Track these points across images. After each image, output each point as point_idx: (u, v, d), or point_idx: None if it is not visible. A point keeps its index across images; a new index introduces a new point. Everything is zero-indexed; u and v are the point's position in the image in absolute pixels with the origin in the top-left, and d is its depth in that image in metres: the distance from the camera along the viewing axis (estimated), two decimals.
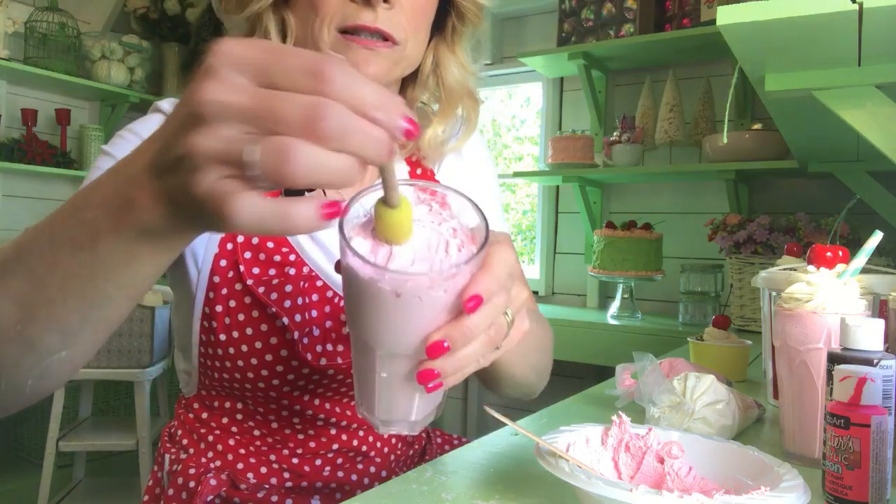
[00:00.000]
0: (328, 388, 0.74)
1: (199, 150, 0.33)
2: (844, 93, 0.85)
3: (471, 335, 0.43)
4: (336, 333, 0.73)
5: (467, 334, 0.42)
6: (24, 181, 2.92)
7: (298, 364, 0.70)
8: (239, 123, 0.32)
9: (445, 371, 0.43)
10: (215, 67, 0.33)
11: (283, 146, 0.31)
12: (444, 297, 0.42)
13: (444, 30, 0.77)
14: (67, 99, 3.10)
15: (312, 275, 0.73)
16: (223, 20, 0.75)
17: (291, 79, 0.32)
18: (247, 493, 0.73)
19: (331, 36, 0.67)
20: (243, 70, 0.33)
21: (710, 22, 2.09)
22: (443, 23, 0.76)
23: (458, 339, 0.42)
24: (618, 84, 2.56)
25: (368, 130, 0.33)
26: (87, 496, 2.26)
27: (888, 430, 0.52)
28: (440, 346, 0.42)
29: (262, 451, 0.75)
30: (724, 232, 1.93)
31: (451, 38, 0.78)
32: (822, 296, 0.64)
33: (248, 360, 0.70)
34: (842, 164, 1.76)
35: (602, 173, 2.36)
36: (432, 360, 0.43)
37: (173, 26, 3.28)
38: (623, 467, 0.54)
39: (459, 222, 0.44)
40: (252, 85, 0.33)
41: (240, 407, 0.75)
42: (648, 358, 0.75)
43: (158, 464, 0.80)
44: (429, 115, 0.81)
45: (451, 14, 0.76)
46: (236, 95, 0.32)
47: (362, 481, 0.77)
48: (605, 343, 2.03)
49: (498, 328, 0.45)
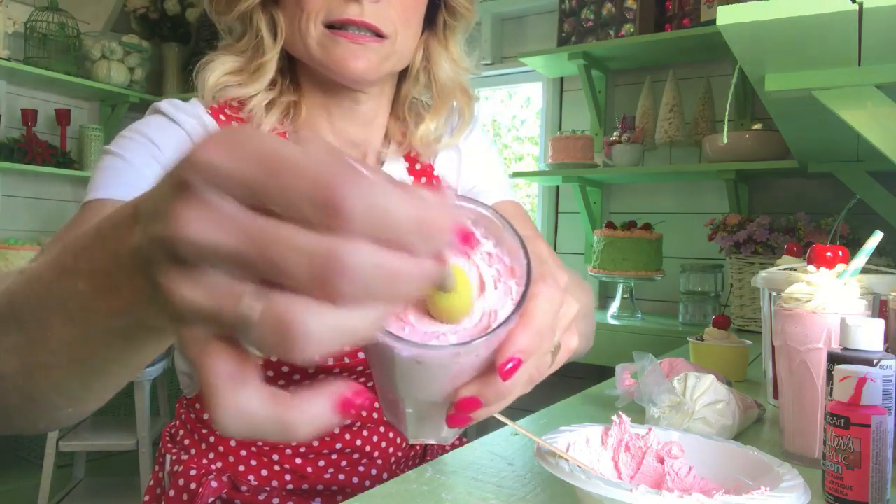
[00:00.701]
0: None
1: (181, 304, 0.24)
2: (844, 93, 0.85)
3: (507, 394, 0.37)
4: None
5: (503, 392, 0.36)
6: (24, 181, 2.92)
7: None
8: (229, 268, 0.24)
9: (479, 417, 0.38)
10: (193, 187, 0.23)
11: (284, 317, 0.23)
12: (476, 360, 0.35)
13: (436, 25, 0.77)
14: (67, 99, 3.10)
15: None
16: (215, 21, 0.75)
17: (294, 208, 0.23)
18: (248, 495, 0.73)
19: (317, 31, 0.67)
20: (230, 190, 0.23)
21: (710, 22, 2.09)
22: (434, 18, 0.76)
23: (493, 397, 0.36)
24: (618, 84, 2.56)
25: (404, 271, 0.24)
26: (87, 496, 2.26)
27: (888, 430, 0.52)
28: (473, 402, 0.36)
29: (265, 452, 0.75)
30: (724, 232, 1.93)
31: (443, 34, 0.77)
32: (822, 296, 0.64)
33: None
34: (842, 164, 1.76)
35: (602, 173, 2.36)
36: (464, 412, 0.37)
37: (173, 26, 3.29)
38: (623, 467, 0.54)
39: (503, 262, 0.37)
40: (241, 212, 0.23)
41: None
42: (648, 358, 0.75)
43: (159, 464, 0.80)
44: (421, 112, 0.81)
45: (441, 8, 0.76)
46: (222, 232, 0.23)
47: (363, 483, 0.77)
48: (605, 343, 2.03)
49: (541, 366, 0.40)
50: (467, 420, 0.38)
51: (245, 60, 0.73)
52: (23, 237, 2.84)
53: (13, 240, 2.68)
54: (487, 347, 0.35)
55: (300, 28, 0.68)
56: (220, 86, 0.72)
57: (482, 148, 0.87)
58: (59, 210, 3.09)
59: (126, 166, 0.65)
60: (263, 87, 0.73)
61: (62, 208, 3.10)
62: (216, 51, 0.75)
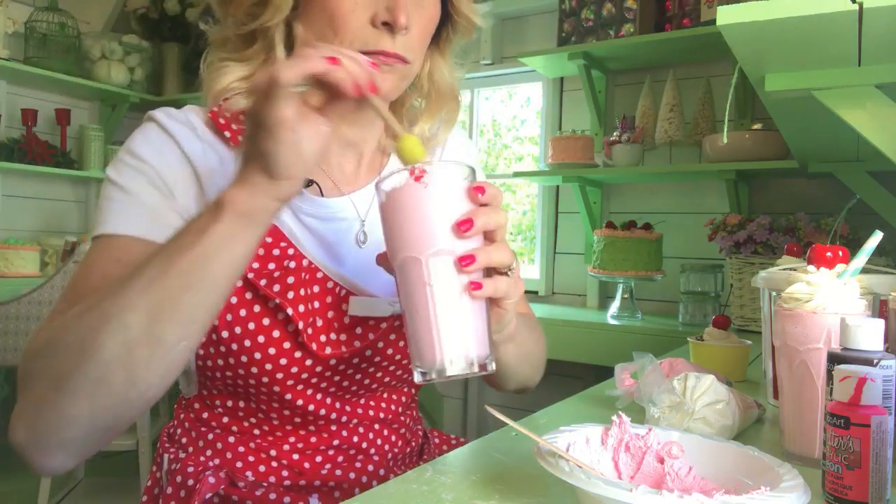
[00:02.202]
0: (331, 381, 0.74)
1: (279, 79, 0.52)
2: (844, 93, 0.85)
3: (490, 213, 0.56)
4: (338, 323, 0.74)
5: (487, 212, 0.56)
6: (24, 181, 2.92)
7: (302, 356, 0.71)
8: None
9: (479, 258, 0.55)
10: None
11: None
12: (454, 186, 0.56)
13: (439, 38, 0.81)
14: (67, 99, 3.10)
15: (312, 266, 0.74)
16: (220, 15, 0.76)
17: None
18: (245, 491, 0.73)
19: None
20: None
21: (710, 22, 2.09)
22: (437, 32, 0.80)
23: (479, 215, 0.55)
24: (618, 84, 2.56)
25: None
26: (87, 496, 2.26)
27: (888, 430, 0.52)
28: (468, 222, 0.55)
29: (263, 448, 0.76)
30: (724, 232, 1.93)
31: (443, 46, 0.82)
32: (822, 296, 0.64)
33: (252, 356, 0.70)
34: (842, 164, 1.76)
35: (602, 173, 2.36)
36: (467, 248, 0.55)
37: (173, 26, 3.29)
38: (623, 467, 0.54)
39: None
40: None
41: (241, 405, 0.75)
42: (648, 358, 0.75)
43: (157, 464, 0.80)
44: (416, 114, 0.84)
45: (446, 25, 0.80)
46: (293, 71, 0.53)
47: (360, 479, 0.78)
48: (605, 343, 2.03)
49: (503, 251, 0.57)
50: (472, 258, 0.54)
51: (253, 68, 0.74)
52: (23, 237, 2.84)
53: (13, 240, 2.68)
54: (446, 171, 0.57)
55: None
56: (227, 92, 0.74)
57: (460, 142, 0.94)
58: (59, 210, 3.09)
59: (129, 200, 0.69)
60: None
61: (62, 208, 3.10)
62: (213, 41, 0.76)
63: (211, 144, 0.74)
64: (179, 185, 0.71)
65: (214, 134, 0.74)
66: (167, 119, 0.73)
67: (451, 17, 0.79)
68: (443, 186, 0.55)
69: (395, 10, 0.68)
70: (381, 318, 0.75)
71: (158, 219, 0.69)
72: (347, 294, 0.75)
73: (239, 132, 0.75)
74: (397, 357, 0.77)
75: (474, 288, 0.55)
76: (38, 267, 2.69)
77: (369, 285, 0.76)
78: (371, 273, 0.74)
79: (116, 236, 0.68)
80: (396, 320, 0.76)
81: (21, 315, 2.05)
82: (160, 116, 0.74)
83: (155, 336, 0.55)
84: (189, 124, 0.74)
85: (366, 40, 0.69)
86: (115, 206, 0.69)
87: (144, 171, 0.70)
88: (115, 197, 0.70)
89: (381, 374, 0.78)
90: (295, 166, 0.55)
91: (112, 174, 0.71)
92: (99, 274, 0.66)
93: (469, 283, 0.55)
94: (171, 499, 0.74)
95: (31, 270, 2.65)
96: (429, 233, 0.55)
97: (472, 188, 0.56)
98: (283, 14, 0.71)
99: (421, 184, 0.55)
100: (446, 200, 0.55)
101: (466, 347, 0.55)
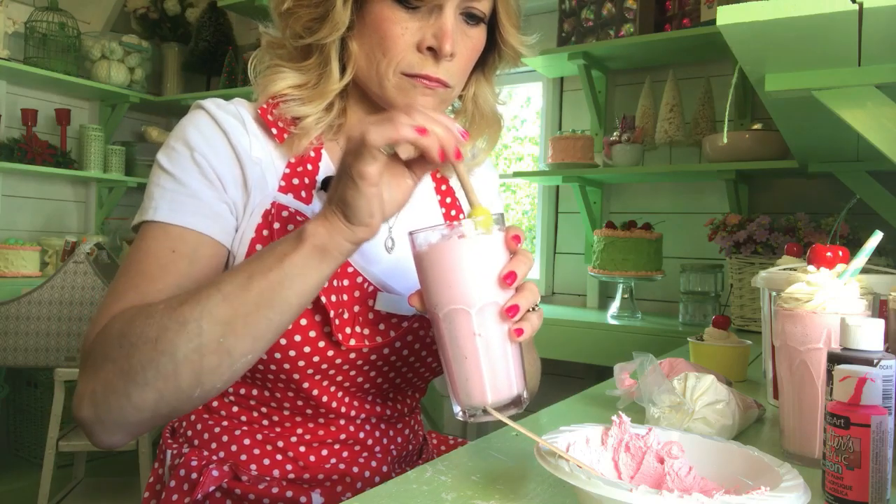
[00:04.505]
0: (347, 375, 0.75)
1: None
2: (844, 93, 0.85)
3: (526, 261, 0.59)
4: (363, 318, 0.75)
5: (524, 261, 0.58)
6: (24, 181, 2.92)
7: (325, 346, 0.72)
8: None
9: (522, 304, 0.57)
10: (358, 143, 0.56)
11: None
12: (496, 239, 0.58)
13: (484, 64, 0.84)
14: (67, 99, 3.10)
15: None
16: (279, 27, 0.77)
17: None
18: (248, 484, 0.74)
19: (395, 77, 0.73)
20: None
21: (710, 22, 2.09)
22: (483, 59, 0.82)
23: (519, 266, 0.58)
24: (618, 84, 2.56)
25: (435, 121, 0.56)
26: (87, 496, 2.26)
27: (888, 430, 0.52)
28: (512, 275, 0.57)
29: (270, 439, 0.76)
30: (724, 232, 1.93)
31: (488, 71, 0.85)
32: (822, 296, 0.64)
33: (278, 341, 0.71)
34: (842, 164, 1.76)
35: (602, 173, 2.36)
36: (511, 298, 0.58)
37: (173, 26, 3.29)
38: (623, 467, 0.54)
39: None
40: None
41: (254, 394, 0.76)
42: (648, 358, 0.75)
43: (160, 461, 0.81)
44: None
45: (493, 53, 0.83)
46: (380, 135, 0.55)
47: (363, 475, 0.78)
48: (605, 343, 2.03)
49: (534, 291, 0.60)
50: (516, 308, 0.57)
51: (308, 78, 0.76)
52: (23, 237, 2.84)
53: (13, 240, 2.68)
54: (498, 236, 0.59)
55: (378, 70, 0.74)
56: (281, 97, 0.76)
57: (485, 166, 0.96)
58: (60, 210, 3.09)
59: (182, 190, 0.71)
60: (320, 109, 0.77)
61: (62, 208, 3.10)
62: (268, 42, 0.79)
63: (257, 138, 0.75)
64: (228, 177, 0.72)
65: (262, 129, 0.76)
66: (218, 110, 0.74)
67: (498, 46, 0.82)
68: (486, 242, 0.58)
69: (442, 38, 0.70)
70: (405, 316, 0.77)
71: (210, 212, 0.70)
72: (375, 290, 0.76)
73: (285, 130, 0.76)
74: (411, 359, 0.79)
75: (518, 334, 0.58)
76: (38, 267, 2.68)
77: (396, 285, 0.78)
78: (399, 276, 0.77)
79: (170, 225, 0.69)
80: (416, 321, 0.77)
81: (21, 315, 2.05)
82: (211, 107, 0.75)
83: (225, 347, 0.60)
84: (238, 117, 0.75)
85: (411, 63, 0.72)
86: (168, 194, 0.70)
87: (197, 161, 0.71)
88: (168, 186, 0.71)
89: (393, 375, 0.79)
90: (373, 217, 0.58)
91: (163, 161, 0.72)
92: (154, 262, 0.68)
93: (513, 330, 0.58)
94: (174, 492, 0.74)
95: (31, 270, 2.65)
96: (476, 287, 0.57)
97: (510, 239, 0.59)
98: (340, 32, 0.73)
99: (466, 240, 0.57)
100: (490, 255, 0.58)
101: (510, 387, 0.59)
